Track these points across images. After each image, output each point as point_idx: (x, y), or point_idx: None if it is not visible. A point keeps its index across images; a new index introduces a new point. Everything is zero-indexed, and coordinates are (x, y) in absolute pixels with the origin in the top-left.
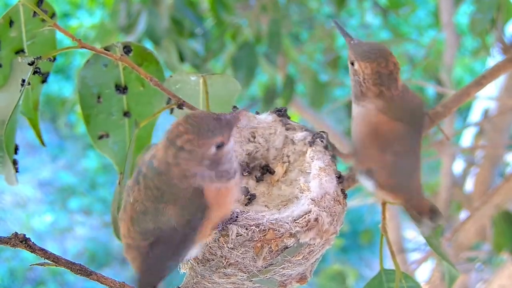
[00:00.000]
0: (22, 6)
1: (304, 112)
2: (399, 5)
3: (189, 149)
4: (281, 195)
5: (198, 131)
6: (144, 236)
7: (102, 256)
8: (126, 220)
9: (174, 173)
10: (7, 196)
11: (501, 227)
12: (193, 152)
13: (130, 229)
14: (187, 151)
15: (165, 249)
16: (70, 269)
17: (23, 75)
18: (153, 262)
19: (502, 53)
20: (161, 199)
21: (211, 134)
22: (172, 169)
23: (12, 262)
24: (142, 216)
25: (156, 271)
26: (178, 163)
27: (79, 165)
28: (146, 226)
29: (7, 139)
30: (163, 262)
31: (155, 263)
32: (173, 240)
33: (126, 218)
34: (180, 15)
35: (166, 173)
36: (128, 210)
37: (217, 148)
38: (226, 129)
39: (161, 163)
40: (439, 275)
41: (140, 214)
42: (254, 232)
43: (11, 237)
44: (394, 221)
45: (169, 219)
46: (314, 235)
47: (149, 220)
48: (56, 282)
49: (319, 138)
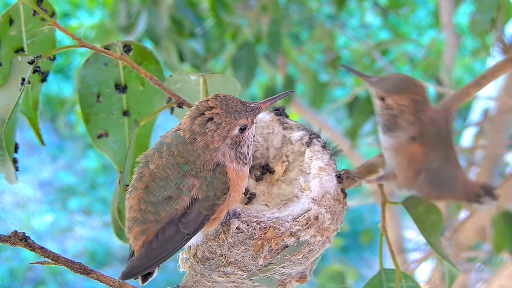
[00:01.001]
0: (22, 5)
1: (304, 112)
2: (399, 5)
3: (217, 121)
4: (281, 194)
5: (226, 109)
6: (155, 208)
7: (102, 256)
8: (139, 190)
9: (198, 143)
10: (7, 196)
11: (501, 227)
12: (220, 125)
13: (141, 199)
14: (215, 122)
15: (174, 233)
16: (69, 267)
17: (23, 74)
18: (158, 246)
19: (502, 53)
20: (183, 167)
21: (238, 115)
22: (197, 138)
23: (12, 261)
24: (161, 183)
25: (158, 255)
26: (205, 132)
27: (79, 165)
28: (162, 194)
29: (7, 137)
30: (169, 247)
31: (160, 248)
32: (185, 221)
33: (140, 187)
34: (180, 15)
35: (191, 142)
36: (145, 178)
37: (240, 130)
38: (251, 114)
39: (186, 132)
40: (439, 275)
41: (160, 181)
42: (255, 228)
43: (10, 235)
44: (394, 221)
45: (190, 188)
46: (315, 232)
47: (168, 187)
48: (56, 282)
49: (316, 138)
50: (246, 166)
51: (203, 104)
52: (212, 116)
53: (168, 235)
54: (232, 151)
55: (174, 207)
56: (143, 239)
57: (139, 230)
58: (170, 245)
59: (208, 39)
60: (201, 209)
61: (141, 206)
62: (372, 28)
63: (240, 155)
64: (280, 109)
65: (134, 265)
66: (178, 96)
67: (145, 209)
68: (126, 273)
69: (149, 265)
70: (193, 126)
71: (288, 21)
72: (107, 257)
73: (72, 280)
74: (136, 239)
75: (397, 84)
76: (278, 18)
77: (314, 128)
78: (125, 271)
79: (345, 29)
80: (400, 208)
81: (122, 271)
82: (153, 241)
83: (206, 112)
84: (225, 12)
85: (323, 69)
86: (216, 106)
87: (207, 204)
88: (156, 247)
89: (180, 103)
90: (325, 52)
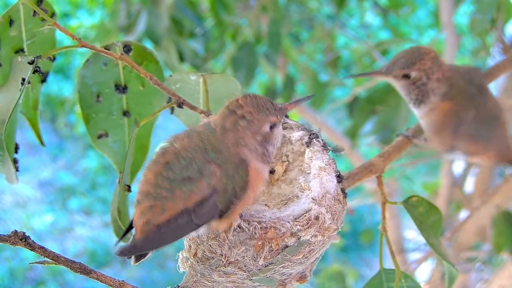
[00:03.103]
0: (22, 5)
1: (304, 112)
2: (399, 5)
3: (249, 119)
4: (281, 194)
5: (257, 107)
6: (171, 185)
7: (102, 256)
8: (159, 164)
9: (229, 137)
10: (7, 196)
11: (501, 227)
12: (252, 122)
13: (160, 174)
14: (247, 120)
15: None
16: (69, 267)
17: (23, 74)
18: (167, 231)
19: (502, 53)
20: (210, 154)
21: (268, 112)
22: (228, 133)
23: (12, 261)
24: (184, 163)
25: (163, 240)
26: (237, 129)
27: (79, 165)
28: (182, 174)
29: (7, 138)
30: (177, 234)
31: (168, 234)
32: (199, 212)
33: (161, 162)
34: (180, 15)
35: (222, 136)
36: (168, 155)
37: (270, 128)
38: (279, 113)
39: (218, 127)
40: (439, 275)
41: (183, 160)
42: (256, 228)
43: (10, 235)
44: (394, 221)
45: (211, 176)
46: (315, 232)
47: (190, 168)
48: (56, 282)
49: (315, 138)
50: (267, 166)
51: (233, 104)
52: (243, 114)
53: (180, 223)
54: (260, 148)
55: (190, 188)
56: (149, 217)
57: (148, 206)
58: (178, 233)
59: (208, 39)
60: (218, 203)
61: (157, 180)
62: (372, 28)
63: (267, 152)
64: None
65: (137, 245)
66: (178, 96)
67: (160, 184)
68: (126, 251)
69: (151, 248)
70: (225, 123)
71: (288, 21)
72: (107, 257)
73: (72, 280)
74: (142, 214)
75: (409, 56)
76: (278, 18)
77: (314, 128)
78: (127, 248)
79: (345, 29)
80: (400, 208)
81: (123, 247)
82: (162, 226)
83: (237, 111)
84: (225, 12)
85: (323, 69)
86: (247, 104)
87: (224, 198)
88: (164, 232)
89: (180, 103)
90: (325, 52)
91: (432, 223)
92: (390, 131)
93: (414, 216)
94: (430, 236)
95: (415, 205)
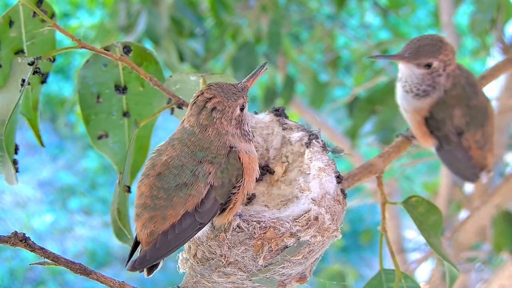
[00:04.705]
0: (22, 6)
1: (304, 112)
2: (399, 5)
3: (220, 108)
4: (281, 194)
5: (224, 95)
6: (167, 194)
7: (102, 256)
8: (151, 177)
9: (209, 132)
10: (7, 196)
11: (501, 227)
12: (224, 111)
13: (154, 186)
14: (219, 110)
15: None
16: (69, 268)
17: (23, 75)
18: (173, 237)
19: (502, 53)
20: (198, 154)
21: (236, 97)
22: (207, 129)
23: (12, 262)
24: (176, 171)
25: (171, 246)
26: (213, 122)
27: (79, 165)
28: (176, 181)
29: (7, 138)
30: (183, 237)
31: (174, 239)
32: (201, 210)
33: (152, 174)
34: (180, 15)
35: (202, 133)
36: (157, 167)
37: (241, 110)
38: (244, 92)
39: (195, 126)
40: (439, 275)
41: (174, 169)
42: (255, 228)
43: (10, 236)
44: (394, 221)
45: (205, 175)
46: (315, 233)
47: (183, 175)
48: (56, 282)
49: (315, 138)
50: (252, 144)
51: (200, 99)
52: (214, 105)
53: (184, 226)
54: (238, 130)
55: (188, 193)
56: (151, 227)
57: (148, 217)
58: (185, 235)
59: (208, 39)
60: (217, 197)
61: (152, 192)
62: (372, 28)
63: (244, 132)
64: (279, 109)
65: (147, 256)
66: (178, 97)
67: (156, 195)
68: (138, 265)
69: (160, 256)
70: (200, 120)
71: (288, 21)
72: (107, 257)
73: (72, 280)
74: (144, 227)
75: (433, 44)
76: (278, 18)
77: (314, 129)
78: (137, 262)
79: (345, 29)
80: (400, 208)
81: (133, 261)
82: (168, 232)
83: (207, 104)
84: (225, 12)
85: (323, 69)
86: (214, 95)
87: (222, 191)
88: (171, 238)
89: (180, 104)
90: (325, 52)
91: (432, 223)
92: (390, 131)
93: (414, 216)
94: (430, 236)
95: (415, 205)
